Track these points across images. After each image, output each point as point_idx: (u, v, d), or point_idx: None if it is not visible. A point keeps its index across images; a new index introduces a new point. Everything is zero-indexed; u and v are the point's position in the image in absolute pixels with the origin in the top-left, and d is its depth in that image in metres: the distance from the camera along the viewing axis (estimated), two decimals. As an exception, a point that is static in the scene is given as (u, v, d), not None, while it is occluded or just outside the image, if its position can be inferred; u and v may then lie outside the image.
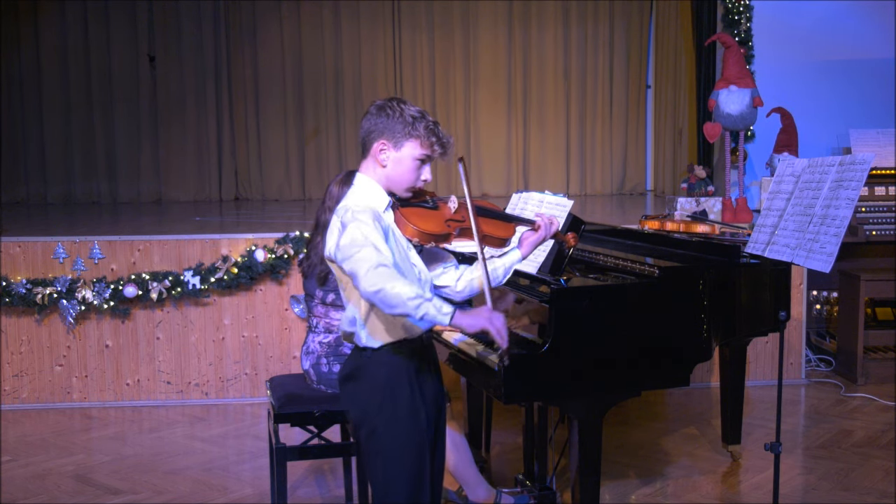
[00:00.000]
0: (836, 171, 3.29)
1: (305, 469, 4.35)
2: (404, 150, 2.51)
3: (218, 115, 9.09)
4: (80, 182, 9.02)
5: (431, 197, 2.63)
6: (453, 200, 2.62)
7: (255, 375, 5.51)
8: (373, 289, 2.29)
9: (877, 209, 5.81)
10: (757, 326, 3.89)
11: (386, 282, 2.28)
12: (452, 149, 2.58)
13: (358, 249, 2.34)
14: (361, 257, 2.33)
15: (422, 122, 2.51)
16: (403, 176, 2.53)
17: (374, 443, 2.56)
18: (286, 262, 5.43)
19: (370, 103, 2.59)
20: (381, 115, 2.51)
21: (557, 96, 9.36)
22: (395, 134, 2.50)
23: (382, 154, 2.52)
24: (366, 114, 2.56)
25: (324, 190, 2.70)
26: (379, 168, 2.54)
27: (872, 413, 5.17)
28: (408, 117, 2.50)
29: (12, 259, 5.39)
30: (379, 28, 9.20)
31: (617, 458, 4.41)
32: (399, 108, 2.51)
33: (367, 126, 2.54)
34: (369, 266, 2.31)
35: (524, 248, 2.77)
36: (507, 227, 2.73)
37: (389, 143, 2.51)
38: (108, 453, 4.68)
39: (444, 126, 2.60)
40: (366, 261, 2.32)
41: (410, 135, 2.50)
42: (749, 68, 6.73)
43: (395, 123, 2.50)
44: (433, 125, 2.53)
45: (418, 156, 2.52)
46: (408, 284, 2.31)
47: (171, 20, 8.99)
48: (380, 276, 2.29)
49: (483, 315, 2.36)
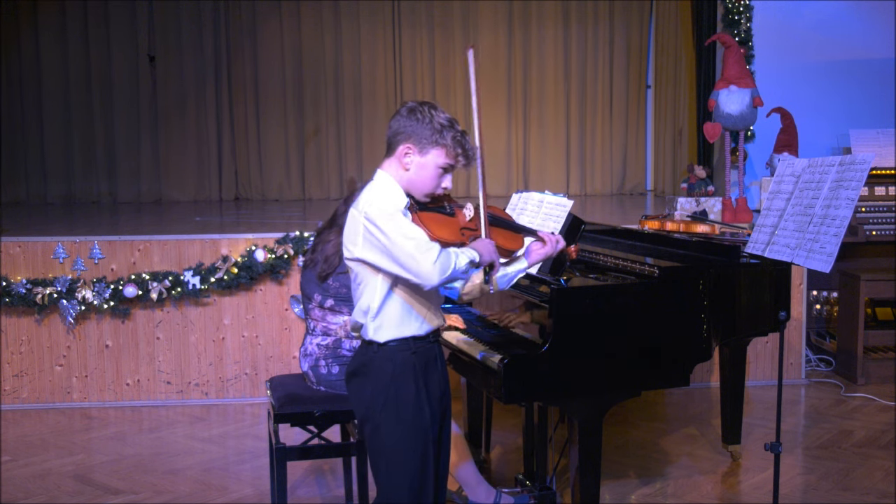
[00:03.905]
0: (836, 171, 3.29)
1: (305, 469, 4.35)
2: (429, 156, 2.52)
3: (218, 115, 9.09)
4: (80, 182, 9.02)
5: (449, 202, 2.64)
6: (469, 208, 2.63)
7: (255, 375, 5.51)
8: (442, 278, 2.41)
9: (877, 209, 5.81)
10: (757, 326, 3.89)
11: (446, 270, 2.41)
12: (476, 161, 2.59)
13: (404, 248, 2.40)
14: (413, 255, 2.39)
15: (450, 131, 2.51)
16: (425, 182, 2.54)
17: (377, 439, 2.58)
18: (286, 262, 5.43)
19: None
20: (411, 118, 2.51)
21: (557, 96, 9.36)
22: (421, 139, 2.50)
23: (407, 157, 2.52)
24: (395, 114, 2.56)
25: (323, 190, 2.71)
26: (402, 170, 2.54)
27: (872, 413, 5.17)
28: (437, 125, 2.50)
29: (12, 259, 5.39)
30: (379, 28, 9.19)
31: (617, 458, 4.41)
32: (430, 114, 2.51)
33: (396, 127, 2.54)
34: (428, 263, 2.39)
35: (530, 259, 2.78)
36: (516, 239, 2.74)
37: (415, 148, 2.51)
38: (108, 453, 4.68)
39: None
40: (422, 260, 2.39)
41: (437, 143, 2.51)
42: (749, 68, 6.73)
43: (423, 129, 2.50)
44: (461, 136, 2.53)
45: (442, 164, 2.53)
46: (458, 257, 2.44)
47: (171, 20, 8.99)
48: (442, 268, 2.40)
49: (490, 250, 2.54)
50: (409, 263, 2.40)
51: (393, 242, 2.40)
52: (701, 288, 3.32)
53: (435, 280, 2.40)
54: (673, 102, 8.83)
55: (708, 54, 7.66)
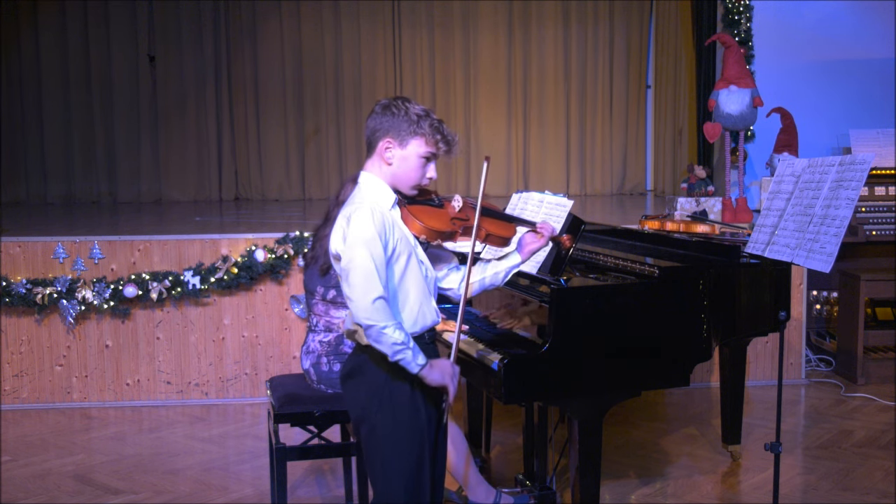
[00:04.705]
0: (836, 171, 3.29)
1: (305, 469, 4.35)
2: (409, 147, 2.53)
3: (218, 115, 9.09)
4: (80, 182, 9.02)
5: (436, 195, 2.66)
6: (457, 199, 2.65)
7: (255, 375, 5.51)
8: (367, 322, 2.39)
9: (877, 209, 5.81)
10: (757, 326, 3.89)
11: (381, 320, 2.38)
12: (457, 146, 2.61)
13: (358, 276, 2.39)
14: (360, 285, 2.38)
15: (426, 120, 2.53)
16: (409, 174, 2.55)
17: (373, 440, 2.58)
18: (286, 262, 5.43)
19: (370, 103, 2.61)
20: (386, 114, 2.54)
21: (557, 96, 9.36)
22: (400, 132, 2.52)
23: (388, 152, 2.54)
24: (371, 113, 2.58)
25: (324, 190, 2.72)
26: (385, 166, 2.56)
27: (872, 413, 5.17)
28: (413, 115, 2.52)
29: (12, 259, 5.39)
30: (379, 28, 9.19)
31: (617, 458, 4.41)
32: (404, 107, 2.53)
33: (373, 125, 2.56)
34: (369, 297, 2.38)
35: (523, 252, 2.79)
36: (509, 228, 2.77)
37: (395, 142, 2.53)
38: (108, 453, 4.68)
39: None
40: (365, 291, 2.38)
41: (416, 133, 2.52)
42: (749, 68, 6.73)
43: (400, 122, 2.52)
44: (438, 123, 2.55)
45: (423, 153, 2.54)
46: (398, 330, 2.40)
47: (171, 20, 8.99)
48: (377, 312, 2.38)
49: (447, 373, 2.51)
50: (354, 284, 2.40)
51: (352, 258, 2.40)
52: (701, 288, 3.32)
53: (360, 315, 2.40)
54: (673, 102, 8.83)
55: (708, 54, 7.66)
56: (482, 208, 2.65)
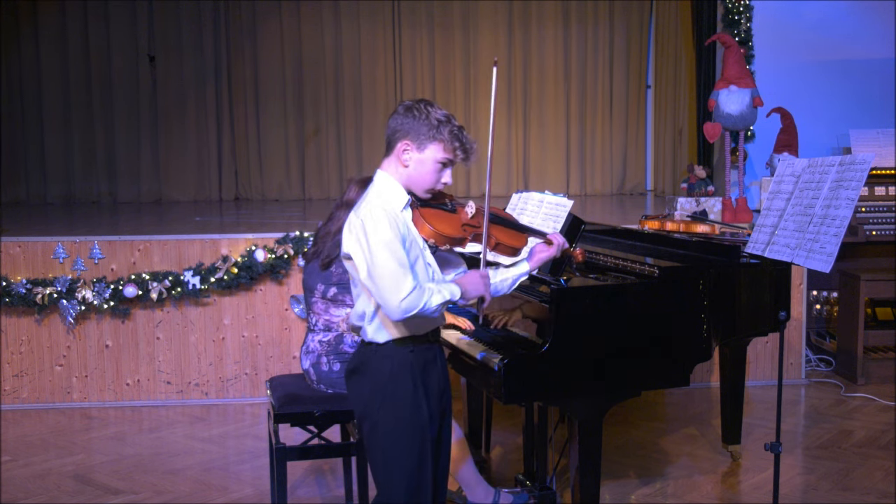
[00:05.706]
0: (836, 171, 3.29)
1: (305, 469, 4.35)
2: (427, 152, 2.54)
3: (218, 115, 9.09)
4: (80, 182, 9.02)
5: (450, 200, 2.65)
6: (471, 206, 2.66)
7: (255, 375, 5.51)
8: (407, 316, 2.42)
9: (877, 209, 5.81)
10: (757, 326, 3.89)
11: (416, 307, 2.41)
12: (475, 154, 2.61)
13: (385, 279, 2.40)
14: (388, 287, 2.40)
15: (447, 126, 2.54)
16: (424, 177, 2.56)
17: (375, 437, 2.59)
18: (286, 262, 5.43)
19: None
20: (407, 116, 2.54)
21: (557, 96, 9.36)
22: (419, 135, 2.53)
23: (405, 154, 2.54)
24: (393, 113, 2.59)
25: (323, 190, 2.73)
26: (401, 167, 2.56)
27: (872, 413, 5.17)
28: (433, 120, 2.53)
29: (12, 259, 5.39)
30: (379, 28, 9.19)
31: (617, 458, 4.41)
32: (426, 111, 2.54)
33: (394, 125, 2.57)
34: (397, 298, 2.39)
35: (533, 261, 2.80)
36: (520, 238, 2.76)
37: (413, 145, 2.54)
38: (108, 453, 4.68)
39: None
40: (394, 292, 2.39)
41: (434, 138, 2.53)
42: (749, 68, 6.73)
43: (420, 125, 2.53)
44: (458, 130, 2.56)
45: (440, 159, 2.55)
46: (429, 299, 2.42)
47: (171, 20, 8.99)
48: (410, 304, 2.40)
49: (479, 284, 2.56)
50: (382, 287, 2.42)
51: (374, 263, 2.41)
52: (701, 288, 3.32)
53: (396, 316, 2.43)
54: (673, 102, 8.83)
55: (708, 54, 7.66)
56: (494, 216, 2.66)
